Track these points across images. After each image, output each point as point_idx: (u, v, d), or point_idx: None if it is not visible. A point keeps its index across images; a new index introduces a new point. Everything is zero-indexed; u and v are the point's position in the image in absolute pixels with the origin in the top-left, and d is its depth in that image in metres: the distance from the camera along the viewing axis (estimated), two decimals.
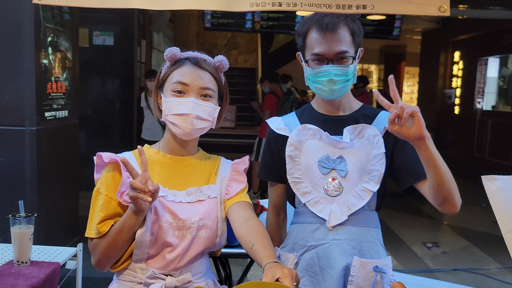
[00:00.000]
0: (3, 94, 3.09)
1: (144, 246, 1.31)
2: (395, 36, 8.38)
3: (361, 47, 1.53)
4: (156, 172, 1.37)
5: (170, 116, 1.34)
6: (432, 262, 4.37)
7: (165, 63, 1.41)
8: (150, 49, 7.22)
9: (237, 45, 12.60)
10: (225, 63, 1.41)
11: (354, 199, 1.50)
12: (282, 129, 1.60)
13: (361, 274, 1.49)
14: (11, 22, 3.08)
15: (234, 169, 1.47)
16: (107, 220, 1.31)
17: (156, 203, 1.31)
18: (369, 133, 1.51)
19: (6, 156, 3.15)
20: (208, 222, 1.36)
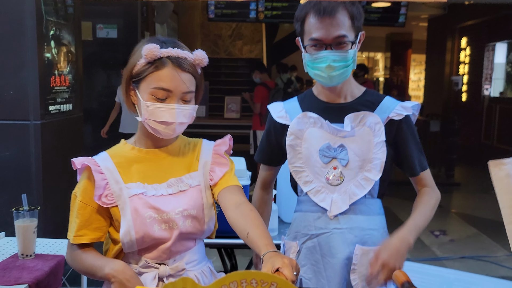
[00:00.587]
0: (7, 89, 3.10)
1: (131, 245, 1.29)
2: (400, 23, 8.28)
3: (362, 31, 1.49)
4: (134, 169, 1.33)
5: (151, 121, 1.28)
6: (440, 250, 4.36)
7: (140, 55, 1.28)
8: None
9: (242, 36, 12.55)
10: (205, 60, 1.33)
11: (356, 188, 1.49)
12: (283, 117, 1.59)
13: (363, 262, 1.48)
14: (13, 17, 3.07)
15: (215, 152, 1.42)
16: (83, 229, 1.30)
17: (136, 201, 1.28)
18: (370, 120, 1.49)
19: (11, 150, 3.16)
20: (193, 212, 1.33)
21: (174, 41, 1.33)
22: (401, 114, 1.49)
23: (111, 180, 1.29)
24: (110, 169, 1.31)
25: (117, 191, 1.29)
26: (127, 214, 1.28)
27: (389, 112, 1.50)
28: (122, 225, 1.27)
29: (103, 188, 1.28)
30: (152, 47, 1.25)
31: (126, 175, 1.32)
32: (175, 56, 1.27)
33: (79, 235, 1.30)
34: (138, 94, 1.30)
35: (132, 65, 1.30)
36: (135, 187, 1.30)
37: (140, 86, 1.29)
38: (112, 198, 1.29)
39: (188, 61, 1.29)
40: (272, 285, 0.45)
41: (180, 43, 1.34)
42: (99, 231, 1.32)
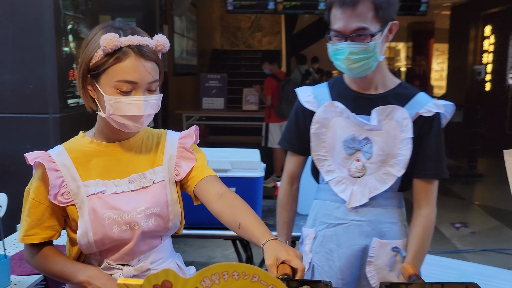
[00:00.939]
0: (26, 83, 3.15)
1: (90, 247, 1.22)
2: (422, 12, 8.12)
3: (392, 21, 1.42)
4: (93, 164, 1.24)
5: (117, 116, 1.19)
6: (460, 242, 4.29)
7: (97, 46, 1.17)
8: (172, 34, 7.24)
9: (261, 27, 12.51)
10: (167, 45, 1.23)
11: (377, 183, 1.47)
12: (311, 102, 1.56)
13: (380, 255, 1.49)
14: (32, 12, 3.12)
15: (181, 145, 1.34)
16: (34, 228, 1.22)
17: (94, 201, 1.20)
18: (398, 115, 1.44)
19: (31, 143, 3.22)
20: (156, 210, 1.26)
21: (132, 27, 1.22)
22: (431, 111, 1.44)
23: (67, 177, 1.21)
24: (67, 165, 1.21)
25: (74, 189, 1.21)
26: (85, 214, 1.20)
27: (420, 108, 1.45)
28: (79, 225, 1.20)
29: (58, 187, 1.20)
30: (111, 37, 1.14)
31: (84, 171, 1.23)
32: (136, 44, 1.17)
33: (30, 235, 1.22)
34: (98, 88, 1.19)
35: (88, 57, 1.19)
36: (93, 185, 1.22)
37: (100, 79, 1.18)
38: (69, 196, 1.21)
39: (150, 48, 1.19)
40: (254, 277, 0.45)
41: (138, 28, 1.23)
42: (52, 229, 1.24)
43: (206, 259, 3.92)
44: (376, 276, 1.49)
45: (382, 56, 1.44)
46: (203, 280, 0.44)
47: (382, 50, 1.43)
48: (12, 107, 3.16)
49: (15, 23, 3.10)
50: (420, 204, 1.49)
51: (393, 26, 1.43)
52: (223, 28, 12.48)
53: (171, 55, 7.15)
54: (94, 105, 1.24)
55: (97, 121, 1.29)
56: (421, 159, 1.47)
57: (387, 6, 1.39)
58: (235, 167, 2.27)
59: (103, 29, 1.19)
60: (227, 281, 0.44)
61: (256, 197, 2.30)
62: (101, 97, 1.19)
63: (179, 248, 4.06)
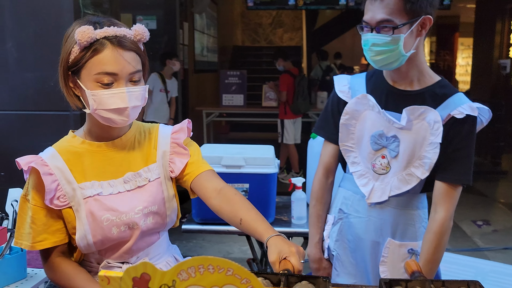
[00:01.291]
0: (47, 81, 3.23)
1: (89, 248, 1.21)
2: (446, 6, 7.97)
3: (426, 14, 1.36)
4: (86, 165, 1.22)
5: (101, 111, 1.15)
6: (482, 240, 4.22)
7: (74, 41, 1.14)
8: (193, 31, 7.29)
9: (282, 23, 12.47)
10: (146, 34, 1.20)
11: (399, 182, 1.45)
12: (345, 92, 1.55)
13: (394, 255, 1.48)
14: (52, 11, 3.19)
15: (173, 140, 1.32)
16: (42, 234, 1.20)
17: (91, 204, 1.19)
18: (430, 117, 1.40)
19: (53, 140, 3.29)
20: (154, 208, 1.26)
21: (109, 19, 1.20)
22: (463, 113, 1.38)
23: (62, 180, 1.19)
24: (61, 168, 1.19)
25: (69, 192, 1.19)
26: (82, 217, 1.19)
27: (453, 109, 1.40)
28: (78, 228, 1.19)
29: (54, 190, 1.18)
30: (85, 29, 1.11)
31: (79, 172, 1.21)
32: (113, 35, 1.14)
33: (39, 241, 1.20)
34: (80, 84, 1.16)
35: (66, 53, 1.16)
36: (89, 187, 1.20)
37: (81, 75, 1.15)
38: (64, 199, 1.19)
39: (128, 38, 1.16)
40: (229, 270, 0.46)
41: (116, 20, 1.21)
42: (60, 232, 1.22)
43: (224, 254, 3.95)
44: (390, 277, 1.46)
45: (410, 51, 1.39)
46: (180, 273, 0.46)
47: (410, 44, 1.38)
48: (33, 105, 3.24)
49: (37, 22, 3.18)
50: (437, 208, 1.42)
51: (426, 20, 1.38)
52: (244, 25, 12.49)
53: (191, 52, 7.20)
54: (79, 103, 1.21)
55: (86, 119, 1.26)
56: (446, 161, 1.41)
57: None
58: (248, 163, 2.29)
59: (79, 23, 1.16)
60: (203, 274, 0.46)
61: (269, 193, 2.31)
62: (84, 93, 1.16)
63: (197, 243, 4.12)
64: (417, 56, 1.43)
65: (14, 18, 3.19)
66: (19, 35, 3.19)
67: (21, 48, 3.21)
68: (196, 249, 4.01)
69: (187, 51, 6.85)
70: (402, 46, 1.36)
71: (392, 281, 0.94)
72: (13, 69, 3.25)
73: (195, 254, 3.85)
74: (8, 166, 3.32)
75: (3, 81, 3.22)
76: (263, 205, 2.29)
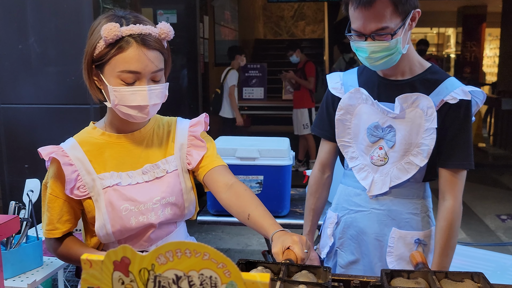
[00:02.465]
0: (68, 75, 3.29)
1: (108, 237, 1.24)
2: None
3: (414, 9, 1.35)
4: (106, 156, 1.25)
5: (122, 107, 1.18)
6: (506, 235, 4.13)
7: (99, 36, 1.16)
8: (213, 24, 7.31)
9: (304, 16, 12.38)
10: (171, 33, 1.21)
11: (399, 172, 1.44)
12: (337, 89, 1.56)
13: (400, 245, 1.47)
14: (72, 6, 3.24)
15: (191, 133, 1.34)
16: (54, 223, 1.24)
17: (110, 194, 1.22)
18: (423, 103, 1.39)
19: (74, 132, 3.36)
20: (171, 199, 1.28)
21: (135, 15, 1.21)
22: (456, 98, 1.38)
23: (82, 171, 1.21)
24: (81, 158, 1.22)
25: (89, 182, 1.22)
26: (102, 207, 1.21)
27: (446, 94, 1.39)
28: (97, 218, 1.22)
29: (74, 181, 1.20)
30: (111, 26, 1.12)
31: (98, 163, 1.24)
32: (138, 33, 1.15)
33: (51, 229, 1.25)
34: (103, 78, 1.18)
35: (91, 47, 1.18)
36: (108, 177, 1.23)
37: (104, 70, 1.17)
38: (84, 189, 1.22)
39: (153, 36, 1.17)
40: (205, 255, 0.46)
41: (142, 16, 1.21)
42: (69, 222, 1.26)
43: (243, 246, 3.97)
44: (397, 267, 1.46)
45: (406, 47, 1.38)
46: (158, 257, 0.47)
47: (405, 40, 1.37)
48: (55, 98, 3.31)
49: (58, 17, 3.23)
50: (445, 196, 1.43)
51: (415, 14, 1.36)
52: (266, 18, 12.45)
53: (212, 46, 7.22)
54: (101, 96, 1.24)
55: (106, 112, 1.29)
56: (446, 148, 1.41)
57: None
58: (263, 155, 2.29)
59: (105, 19, 1.18)
60: (180, 258, 0.46)
61: (284, 186, 2.31)
62: (106, 88, 1.19)
63: (216, 235, 4.15)
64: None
65: (36, 14, 3.26)
66: (41, 30, 3.25)
67: (43, 43, 3.27)
68: (215, 241, 4.05)
69: (208, 44, 6.88)
70: (401, 47, 1.35)
71: (394, 272, 0.93)
72: (35, 63, 3.32)
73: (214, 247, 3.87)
74: (32, 158, 3.41)
75: (26, 75, 3.30)
76: (278, 197, 2.30)
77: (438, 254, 1.41)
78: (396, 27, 1.32)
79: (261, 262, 0.96)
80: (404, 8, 1.32)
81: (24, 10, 3.25)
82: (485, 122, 7.90)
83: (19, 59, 3.27)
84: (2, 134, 3.39)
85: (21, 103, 3.33)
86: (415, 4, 1.35)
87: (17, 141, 3.32)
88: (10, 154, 3.36)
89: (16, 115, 3.35)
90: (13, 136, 3.33)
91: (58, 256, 1.29)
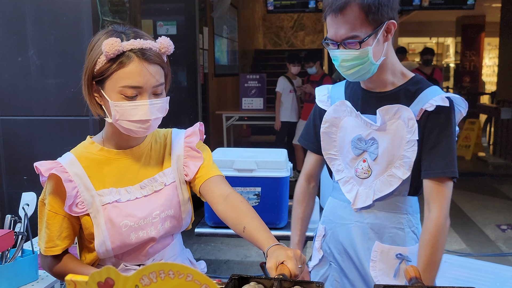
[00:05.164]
0: (68, 87, 3.31)
1: (107, 254, 1.24)
2: (470, 6, 7.85)
3: (389, 20, 1.34)
4: (105, 173, 1.24)
5: (123, 121, 1.18)
6: (506, 245, 4.11)
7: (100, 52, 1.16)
8: (212, 35, 7.35)
9: (303, 26, 12.46)
10: (171, 47, 1.21)
11: (382, 185, 1.43)
12: (324, 102, 1.57)
13: (383, 260, 1.45)
14: (71, 19, 3.26)
15: (187, 144, 1.34)
16: (54, 240, 1.23)
17: (110, 210, 1.21)
18: (405, 115, 1.38)
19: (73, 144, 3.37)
20: (170, 212, 1.28)
21: (134, 30, 1.21)
22: (433, 105, 1.35)
23: (81, 187, 1.20)
24: (80, 175, 1.21)
25: (88, 198, 1.21)
26: (101, 224, 1.20)
27: (424, 103, 1.37)
28: (97, 235, 1.21)
29: (74, 197, 1.19)
30: (112, 41, 1.12)
31: (97, 179, 1.23)
32: (139, 48, 1.16)
33: (51, 247, 1.23)
34: (104, 94, 1.18)
35: (91, 63, 1.17)
36: (108, 194, 1.22)
37: (105, 85, 1.17)
38: (83, 206, 1.21)
39: (153, 51, 1.18)
40: (188, 276, 0.46)
41: (141, 32, 1.22)
42: (68, 239, 1.25)
43: (242, 257, 3.96)
44: (381, 282, 1.44)
45: (380, 58, 1.37)
46: (142, 279, 0.47)
47: (379, 52, 1.36)
48: (54, 110, 3.32)
49: (57, 30, 3.26)
50: (430, 207, 1.37)
51: (390, 25, 1.35)
52: (265, 28, 12.52)
53: (211, 57, 7.25)
54: (101, 111, 1.23)
55: (105, 127, 1.28)
56: (427, 156, 1.38)
57: (378, 8, 1.31)
58: (260, 167, 2.29)
59: (105, 34, 1.18)
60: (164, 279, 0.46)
61: (281, 197, 2.31)
62: (107, 103, 1.18)
63: (215, 247, 4.14)
64: (387, 59, 1.41)
65: (35, 27, 3.28)
66: (40, 43, 3.27)
67: (43, 56, 3.29)
68: (214, 252, 4.03)
69: (207, 55, 6.91)
70: (371, 56, 1.34)
71: (387, 287, 0.92)
72: (35, 76, 3.34)
73: (213, 258, 3.87)
74: (31, 171, 3.40)
75: (25, 87, 3.31)
76: (275, 209, 2.30)
77: (422, 270, 1.33)
78: (365, 36, 1.31)
79: (254, 277, 0.96)
80: (375, 17, 1.31)
81: (23, 22, 3.27)
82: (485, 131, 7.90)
83: (19, 71, 3.29)
84: (1, 146, 3.39)
85: (20, 115, 3.34)
86: (389, 16, 1.34)
87: (16, 153, 3.33)
88: (9, 166, 3.37)
89: (15, 127, 3.36)
90: (12, 148, 3.33)
91: (54, 274, 1.28)
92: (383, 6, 1.32)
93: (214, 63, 7.45)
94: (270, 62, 11.33)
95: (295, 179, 5.97)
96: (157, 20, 6.03)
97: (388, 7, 1.34)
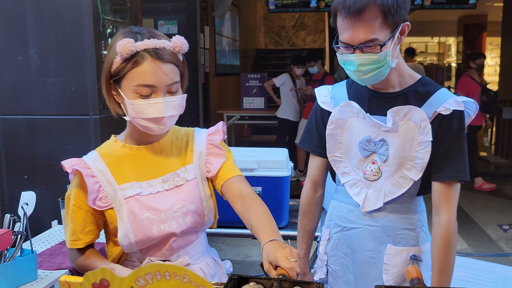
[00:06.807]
0: (68, 86, 3.30)
1: (131, 247, 1.27)
2: (471, 5, 7.84)
3: (404, 22, 1.32)
4: (126, 168, 1.29)
5: (139, 119, 1.22)
6: (508, 245, 4.10)
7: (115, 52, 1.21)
8: (213, 34, 7.34)
9: (305, 26, 12.44)
10: (186, 46, 1.24)
11: (393, 187, 1.40)
12: (327, 103, 1.52)
13: (396, 262, 1.43)
14: (72, 18, 3.26)
15: (209, 142, 1.37)
16: (77, 234, 1.28)
17: (132, 204, 1.25)
18: (416, 116, 1.36)
19: (73, 143, 3.37)
20: (191, 207, 1.30)
21: (150, 30, 1.25)
22: (449, 109, 1.34)
23: (104, 182, 1.25)
24: (102, 170, 1.26)
25: (111, 193, 1.25)
26: (124, 217, 1.24)
27: (438, 105, 1.36)
28: (120, 228, 1.24)
29: (96, 192, 1.24)
30: (126, 42, 1.17)
31: (119, 175, 1.27)
32: (153, 47, 1.19)
33: (74, 240, 1.28)
34: (121, 93, 1.23)
35: (108, 63, 1.23)
36: (129, 188, 1.26)
37: (122, 84, 1.22)
38: (106, 200, 1.25)
39: (167, 50, 1.21)
40: (185, 278, 0.45)
41: (156, 31, 1.25)
42: (92, 233, 1.30)
43: (243, 257, 3.95)
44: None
45: (395, 61, 1.35)
46: (138, 280, 0.46)
47: (394, 53, 1.34)
48: (55, 109, 3.31)
49: (58, 29, 3.25)
50: (439, 211, 1.38)
51: (404, 27, 1.33)
52: (267, 28, 12.51)
53: (212, 56, 7.24)
54: (120, 110, 1.28)
55: (126, 125, 1.33)
56: (440, 160, 1.38)
57: (397, 9, 1.28)
58: (261, 166, 2.28)
59: (121, 35, 1.23)
60: (160, 281, 0.45)
61: (282, 197, 2.30)
62: (124, 102, 1.24)
63: (216, 246, 4.13)
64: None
65: (36, 26, 3.27)
66: (41, 42, 3.26)
67: (43, 55, 3.29)
68: None
69: (208, 54, 6.90)
70: (390, 60, 1.32)
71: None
72: (35, 75, 3.33)
73: None
74: (31, 170, 3.40)
75: (26, 86, 3.31)
76: (276, 208, 2.28)
77: (437, 273, 1.36)
78: (385, 39, 1.28)
79: (254, 278, 0.95)
80: (394, 19, 1.29)
81: (24, 21, 3.26)
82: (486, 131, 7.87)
83: (19, 70, 3.28)
84: (2, 145, 3.39)
85: (20, 114, 3.33)
86: (404, 17, 1.32)
87: (17, 152, 3.32)
88: (10, 165, 3.36)
89: (16, 126, 3.35)
90: (12, 147, 3.32)
91: (76, 266, 1.32)
92: (401, 8, 1.30)
93: (215, 63, 7.44)
94: (271, 61, 11.32)
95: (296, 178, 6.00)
96: (158, 19, 6.02)
97: (405, 10, 1.32)
